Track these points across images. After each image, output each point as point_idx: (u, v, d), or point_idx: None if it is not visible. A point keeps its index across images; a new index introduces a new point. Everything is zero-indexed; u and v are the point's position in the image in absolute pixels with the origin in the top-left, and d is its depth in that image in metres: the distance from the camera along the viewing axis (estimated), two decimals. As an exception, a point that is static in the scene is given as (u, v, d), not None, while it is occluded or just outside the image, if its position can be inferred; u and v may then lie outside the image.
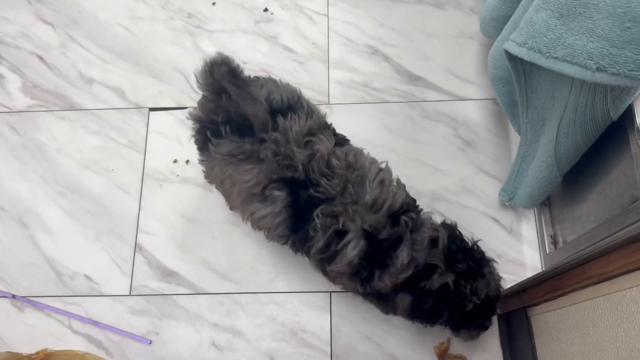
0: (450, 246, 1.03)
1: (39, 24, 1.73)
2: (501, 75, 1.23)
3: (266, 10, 1.69)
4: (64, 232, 1.48)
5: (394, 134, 1.51)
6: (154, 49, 1.66)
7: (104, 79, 1.64)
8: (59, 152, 1.56)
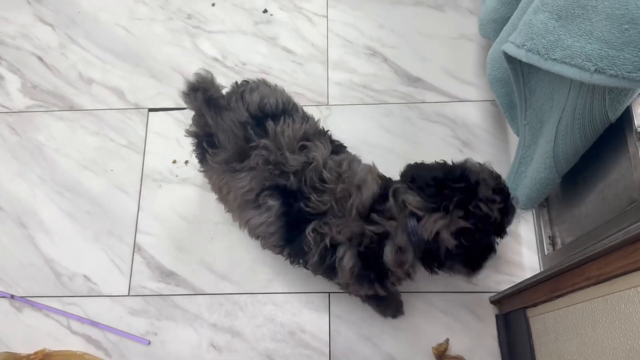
0: (427, 206, 0.91)
1: (38, 24, 1.73)
2: (500, 76, 1.23)
3: (265, 11, 1.69)
4: (62, 233, 1.48)
5: (393, 135, 1.51)
6: (153, 49, 1.67)
7: (103, 79, 1.64)
8: (58, 153, 1.56)
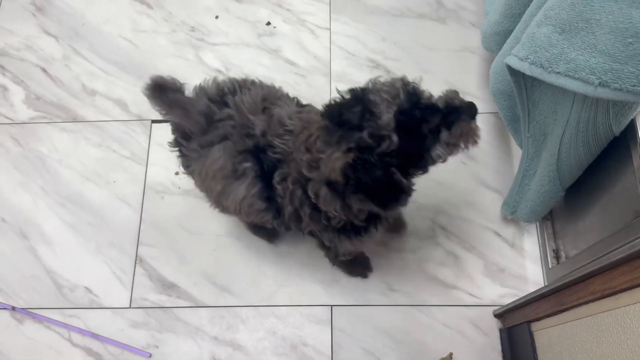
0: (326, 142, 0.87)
1: (42, 36, 1.74)
2: (503, 89, 1.23)
3: (269, 24, 1.70)
4: (64, 244, 1.48)
5: (396, 147, 1.51)
6: (156, 61, 1.67)
7: (106, 91, 1.65)
8: (60, 164, 1.57)
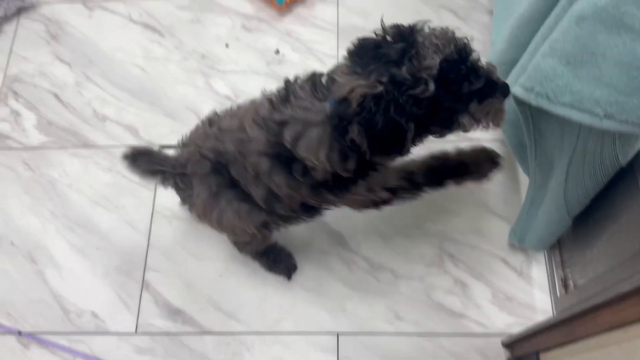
0: (350, 70, 0.84)
1: (56, 63, 1.78)
2: (509, 117, 1.23)
3: (278, 52, 1.72)
4: (72, 268, 1.48)
5: (403, 174, 1.51)
6: (167, 88, 1.70)
7: (117, 117, 1.67)
8: (70, 188, 1.58)
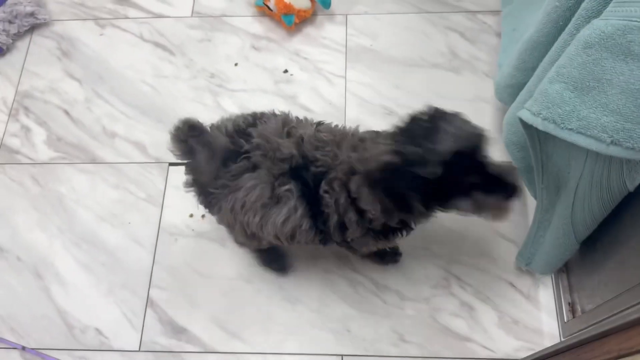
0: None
1: (67, 79, 1.80)
2: (516, 140, 1.23)
3: (286, 71, 1.74)
4: (77, 284, 1.48)
5: (409, 194, 1.51)
6: (176, 106, 1.71)
7: (126, 133, 1.69)
8: (77, 204, 1.59)
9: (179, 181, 1.58)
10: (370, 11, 1.82)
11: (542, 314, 1.35)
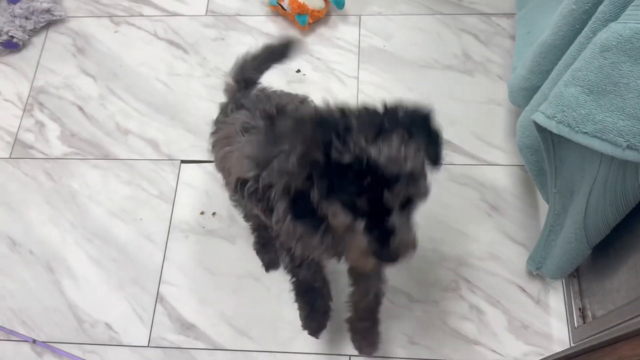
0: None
1: (81, 76, 1.82)
2: (529, 143, 1.23)
3: (299, 71, 1.74)
4: (89, 279, 1.50)
5: (420, 196, 1.51)
6: (189, 104, 1.72)
7: (139, 130, 1.70)
8: (90, 200, 1.60)
9: (191, 178, 1.61)
10: (383, 12, 1.82)
11: (552, 319, 1.34)
